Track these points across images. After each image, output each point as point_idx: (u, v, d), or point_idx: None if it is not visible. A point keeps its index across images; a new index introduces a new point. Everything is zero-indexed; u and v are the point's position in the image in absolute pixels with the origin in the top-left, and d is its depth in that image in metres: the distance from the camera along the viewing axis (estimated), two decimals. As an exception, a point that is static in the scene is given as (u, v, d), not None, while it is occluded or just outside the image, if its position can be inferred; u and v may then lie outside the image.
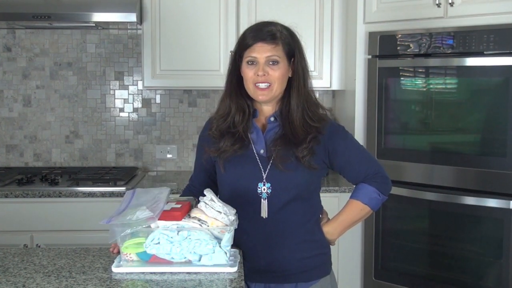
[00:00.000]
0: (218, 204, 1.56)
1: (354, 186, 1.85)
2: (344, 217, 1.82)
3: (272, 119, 1.75)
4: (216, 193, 1.78)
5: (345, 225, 1.83)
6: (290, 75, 1.73)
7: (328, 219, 1.85)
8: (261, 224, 1.71)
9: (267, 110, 1.77)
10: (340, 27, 3.15)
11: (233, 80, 1.75)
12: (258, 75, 1.67)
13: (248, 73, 1.69)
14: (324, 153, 1.74)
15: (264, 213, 1.70)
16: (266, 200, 1.70)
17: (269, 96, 1.70)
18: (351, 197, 1.83)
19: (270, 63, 1.68)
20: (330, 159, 1.76)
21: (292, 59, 1.72)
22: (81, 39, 3.46)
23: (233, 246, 1.62)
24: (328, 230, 1.81)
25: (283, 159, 1.68)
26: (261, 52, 1.67)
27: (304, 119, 1.71)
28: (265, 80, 1.67)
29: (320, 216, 1.84)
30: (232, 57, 1.76)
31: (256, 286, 1.75)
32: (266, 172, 1.70)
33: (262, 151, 1.72)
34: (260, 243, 1.72)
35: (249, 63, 1.69)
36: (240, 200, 1.70)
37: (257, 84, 1.68)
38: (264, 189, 1.70)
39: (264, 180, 1.70)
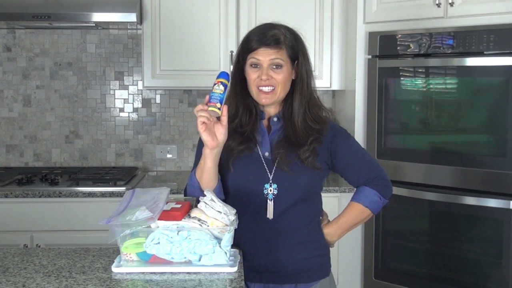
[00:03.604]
0: (218, 204, 1.56)
1: (355, 188, 1.86)
2: (344, 219, 1.83)
3: (275, 119, 1.75)
4: (225, 191, 1.76)
5: (345, 227, 1.84)
6: (293, 78, 1.73)
7: (328, 220, 1.85)
8: (264, 225, 1.71)
9: (270, 111, 1.76)
10: (340, 27, 3.15)
11: (237, 81, 1.74)
12: (261, 79, 1.66)
13: (252, 75, 1.68)
14: (327, 154, 1.75)
15: (270, 214, 1.70)
16: (272, 201, 1.70)
17: (273, 99, 1.69)
18: (352, 199, 1.84)
19: (274, 66, 1.67)
20: (332, 161, 1.77)
21: (296, 62, 1.72)
22: (81, 39, 3.46)
23: (233, 245, 1.62)
24: (329, 232, 1.81)
25: (288, 161, 1.69)
26: (264, 55, 1.66)
27: (305, 120, 1.72)
28: (269, 84, 1.67)
29: (320, 217, 1.85)
30: (236, 59, 1.75)
31: (256, 286, 1.75)
32: (272, 174, 1.70)
33: (266, 154, 1.72)
34: (261, 243, 1.72)
35: (253, 65, 1.68)
36: (245, 201, 1.71)
37: (260, 88, 1.68)
38: (270, 190, 1.70)
39: (271, 181, 1.70)
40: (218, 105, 1.57)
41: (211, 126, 1.60)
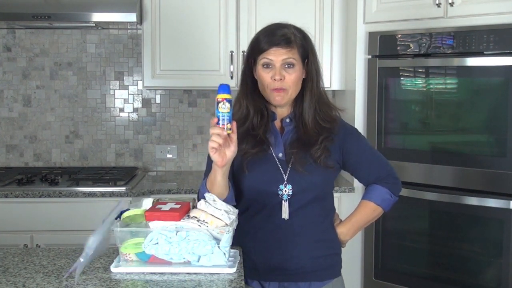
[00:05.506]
0: (220, 203, 1.56)
1: (365, 186, 1.87)
2: (357, 218, 1.84)
3: (287, 120, 1.76)
4: (240, 193, 1.76)
5: (358, 225, 1.86)
6: (304, 77, 1.73)
7: (341, 220, 1.86)
8: (279, 224, 1.71)
9: (282, 112, 1.77)
10: (340, 27, 3.15)
11: (248, 82, 1.74)
12: (275, 79, 1.66)
13: (265, 76, 1.68)
14: (339, 152, 1.76)
15: (285, 215, 1.70)
16: (287, 202, 1.70)
17: (285, 99, 1.70)
18: (363, 198, 1.85)
19: (286, 66, 1.66)
20: (343, 160, 1.78)
21: (306, 61, 1.72)
22: (81, 39, 3.46)
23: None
24: (342, 231, 1.83)
25: (302, 161, 1.69)
26: (277, 55, 1.65)
27: (316, 120, 1.72)
28: (281, 86, 1.66)
29: (333, 217, 1.85)
30: (245, 60, 1.74)
31: (271, 285, 1.76)
32: (286, 174, 1.71)
33: (280, 155, 1.73)
34: (276, 242, 1.72)
35: (265, 66, 1.68)
36: (261, 202, 1.72)
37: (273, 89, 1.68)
38: (285, 191, 1.70)
39: (286, 182, 1.70)
40: (228, 125, 1.56)
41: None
